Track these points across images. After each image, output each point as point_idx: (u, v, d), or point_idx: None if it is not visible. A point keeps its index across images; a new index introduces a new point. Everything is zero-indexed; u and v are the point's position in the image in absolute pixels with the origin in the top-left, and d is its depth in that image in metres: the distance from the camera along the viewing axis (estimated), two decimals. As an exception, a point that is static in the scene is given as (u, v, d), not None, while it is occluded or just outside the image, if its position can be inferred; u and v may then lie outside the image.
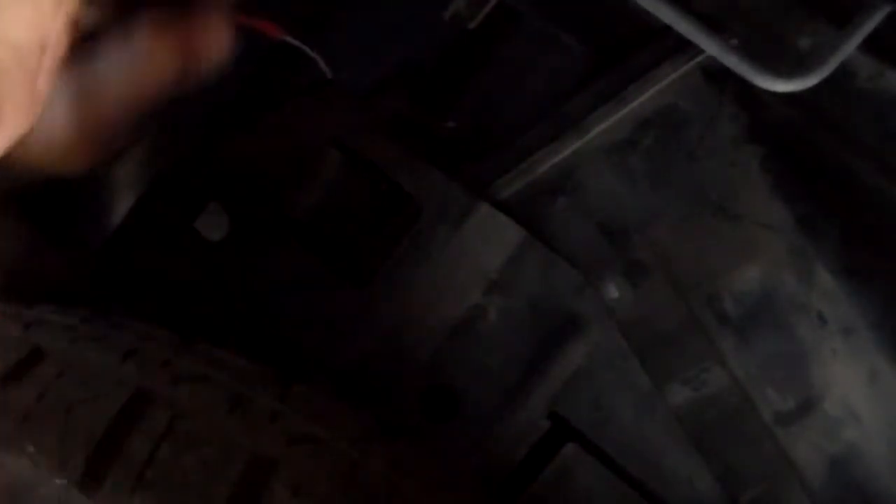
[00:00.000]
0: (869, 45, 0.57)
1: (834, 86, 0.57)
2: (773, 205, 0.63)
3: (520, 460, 0.62)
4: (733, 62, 0.54)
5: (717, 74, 0.62)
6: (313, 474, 0.51)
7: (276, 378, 0.56)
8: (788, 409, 0.62)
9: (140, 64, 0.42)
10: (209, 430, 0.51)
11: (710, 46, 0.55)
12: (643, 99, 0.64)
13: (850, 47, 0.55)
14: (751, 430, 0.62)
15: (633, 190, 0.64)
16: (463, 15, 0.67)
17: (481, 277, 0.63)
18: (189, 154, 0.66)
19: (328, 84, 0.67)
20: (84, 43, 0.41)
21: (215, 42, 0.42)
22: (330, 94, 0.67)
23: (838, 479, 0.62)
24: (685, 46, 0.61)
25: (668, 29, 0.57)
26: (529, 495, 0.62)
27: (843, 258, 0.63)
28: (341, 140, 0.65)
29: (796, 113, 0.62)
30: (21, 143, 0.37)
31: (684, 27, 0.55)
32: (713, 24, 0.56)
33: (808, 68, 0.54)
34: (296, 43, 0.48)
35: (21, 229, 0.64)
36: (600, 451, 0.62)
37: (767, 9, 0.58)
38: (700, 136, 0.64)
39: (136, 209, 0.66)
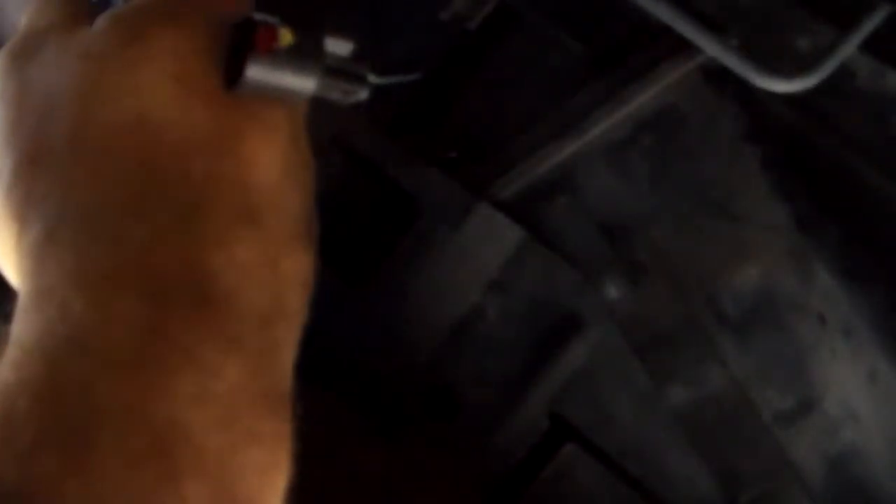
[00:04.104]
0: (869, 45, 0.57)
1: (834, 86, 0.57)
2: (773, 205, 0.63)
3: (520, 460, 0.62)
4: (733, 62, 0.54)
5: (717, 75, 0.62)
6: (313, 474, 0.51)
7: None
8: (788, 409, 0.62)
9: None
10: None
11: (710, 47, 0.55)
12: (643, 99, 0.64)
13: (849, 48, 0.56)
14: (750, 430, 0.62)
15: (633, 190, 0.64)
16: (463, 15, 0.67)
17: (481, 277, 0.63)
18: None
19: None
20: None
21: None
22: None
23: (838, 479, 0.62)
24: (685, 47, 0.61)
25: (667, 29, 0.57)
26: (529, 495, 0.62)
27: (843, 258, 0.63)
28: (341, 140, 0.65)
29: (796, 113, 0.62)
30: None
31: (684, 27, 0.55)
32: (713, 25, 0.56)
33: (808, 69, 0.54)
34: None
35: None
36: (600, 451, 0.62)
37: (767, 9, 0.58)
38: (700, 136, 0.64)
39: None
